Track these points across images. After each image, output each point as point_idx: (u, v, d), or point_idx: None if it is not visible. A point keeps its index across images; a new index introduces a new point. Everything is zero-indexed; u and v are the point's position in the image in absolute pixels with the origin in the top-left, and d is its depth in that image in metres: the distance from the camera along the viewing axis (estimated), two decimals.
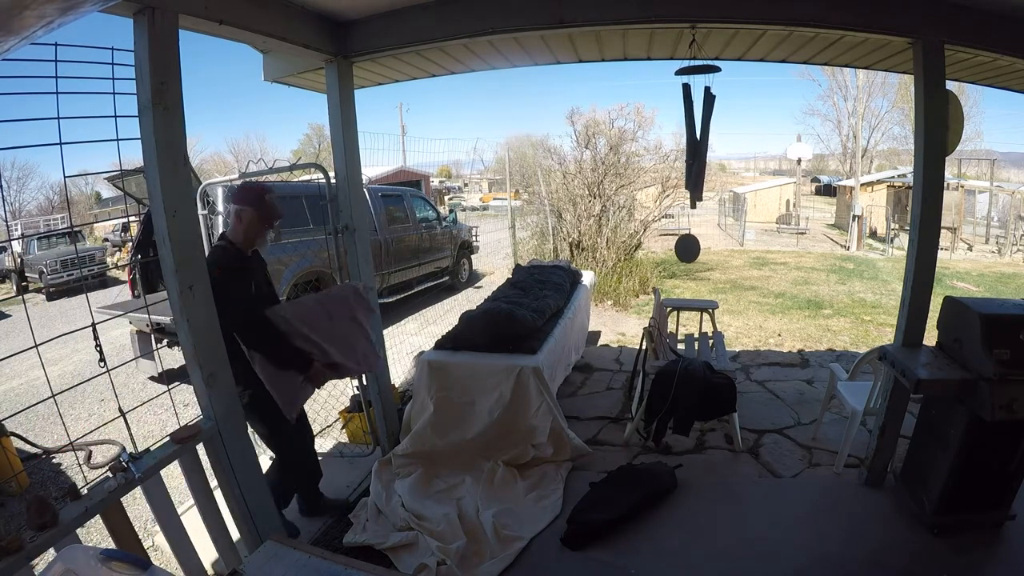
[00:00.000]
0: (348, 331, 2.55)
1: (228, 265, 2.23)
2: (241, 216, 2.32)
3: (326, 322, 2.47)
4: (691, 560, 2.38)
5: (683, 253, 4.75)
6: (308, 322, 2.40)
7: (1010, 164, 30.79)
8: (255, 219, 2.33)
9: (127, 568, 1.14)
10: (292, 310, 2.43)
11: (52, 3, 0.99)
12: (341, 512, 2.77)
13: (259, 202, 2.34)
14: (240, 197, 2.35)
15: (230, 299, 2.08)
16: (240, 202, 2.34)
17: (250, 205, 2.32)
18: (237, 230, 2.34)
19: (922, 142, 2.54)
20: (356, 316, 2.61)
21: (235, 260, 2.30)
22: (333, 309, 2.54)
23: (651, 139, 9.97)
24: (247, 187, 2.41)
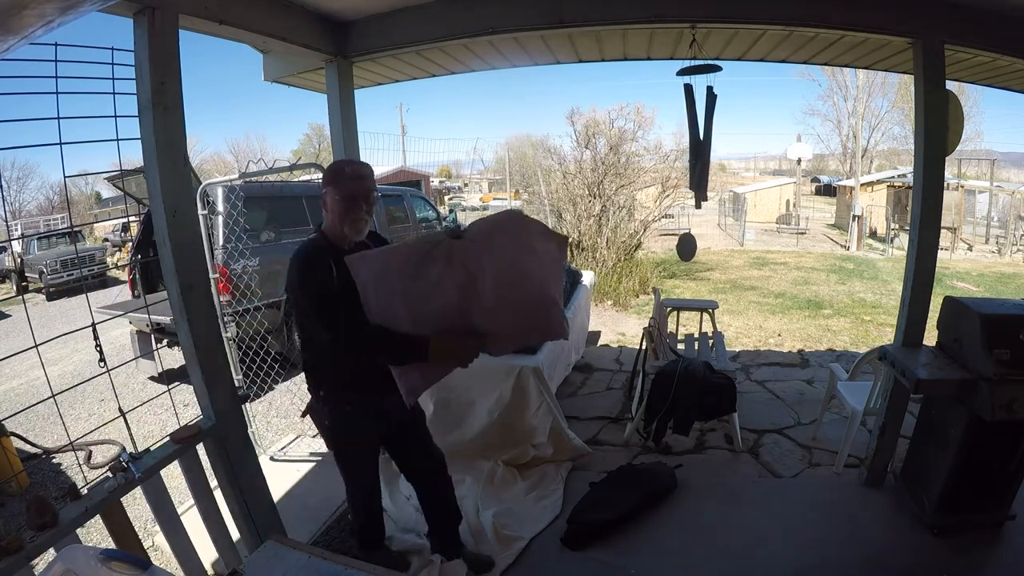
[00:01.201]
0: (509, 286, 1.68)
1: (313, 265, 1.76)
2: (325, 200, 1.85)
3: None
4: (691, 560, 2.37)
5: (683, 252, 4.76)
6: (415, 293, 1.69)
7: (1010, 164, 30.77)
8: (337, 201, 1.81)
9: (127, 568, 1.14)
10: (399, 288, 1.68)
11: (52, 2, 0.99)
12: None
13: (336, 178, 1.83)
14: (323, 178, 1.89)
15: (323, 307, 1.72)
16: (323, 184, 1.86)
17: (328, 184, 1.84)
18: (327, 218, 1.87)
19: (922, 142, 2.54)
20: (520, 263, 1.70)
21: (323, 256, 1.78)
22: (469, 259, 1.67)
23: (651, 139, 9.99)
24: (330, 166, 1.93)
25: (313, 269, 1.76)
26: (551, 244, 1.78)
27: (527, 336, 1.86)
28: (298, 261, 1.78)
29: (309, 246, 1.84)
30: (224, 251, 4.87)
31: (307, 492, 3.08)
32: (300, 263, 1.78)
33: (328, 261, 1.75)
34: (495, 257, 1.64)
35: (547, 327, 1.83)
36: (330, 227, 1.86)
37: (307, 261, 1.79)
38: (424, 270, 1.63)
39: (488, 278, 1.62)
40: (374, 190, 1.88)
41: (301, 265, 1.77)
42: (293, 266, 1.78)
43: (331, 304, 1.70)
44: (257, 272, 5.12)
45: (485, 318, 1.68)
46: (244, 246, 4.83)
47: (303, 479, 3.20)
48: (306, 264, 1.78)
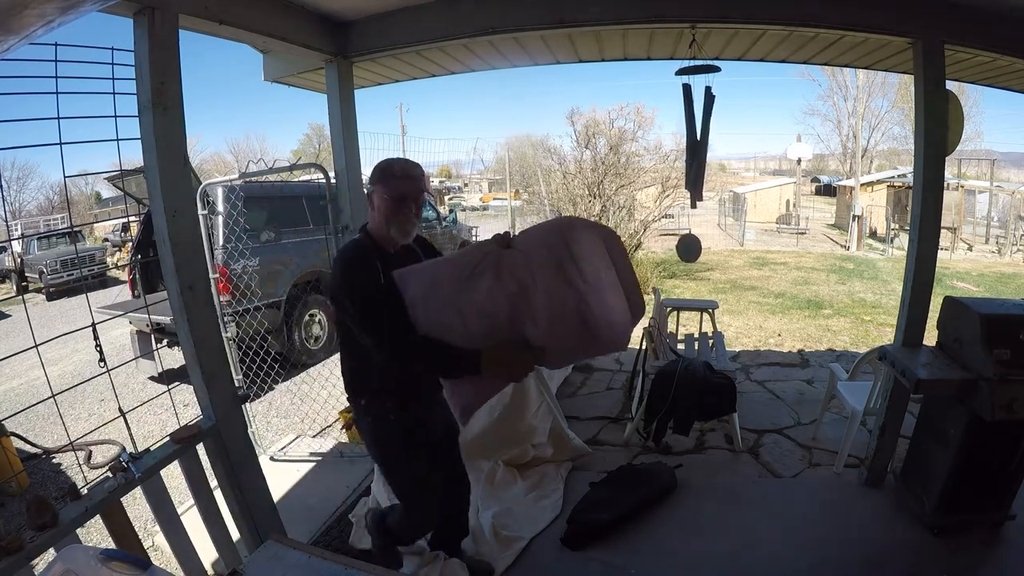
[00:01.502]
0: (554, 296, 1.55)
1: (359, 266, 1.67)
2: (372, 199, 1.74)
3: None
4: (691, 560, 2.37)
5: (684, 252, 4.75)
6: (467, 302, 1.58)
7: (1010, 164, 30.77)
8: (385, 201, 1.71)
9: (127, 568, 1.14)
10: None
11: (52, 2, 0.99)
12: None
13: (384, 176, 1.73)
14: (372, 175, 1.78)
15: (368, 312, 1.62)
16: (371, 181, 1.76)
17: (375, 183, 1.74)
18: (373, 219, 1.77)
19: (922, 142, 2.54)
20: (564, 268, 1.53)
21: (369, 259, 1.69)
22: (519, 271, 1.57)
23: (651, 139, 10.01)
24: (380, 163, 1.80)
25: (358, 271, 1.66)
26: (593, 237, 1.62)
27: (583, 350, 1.67)
28: (343, 262, 1.70)
29: (354, 247, 1.75)
30: (224, 251, 4.87)
31: (307, 492, 3.08)
32: (345, 264, 1.69)
33: (375, 263, 1.67)
34: (541, 266, 1.54)
35: (597, 342, 1.60)
36: (376, 228, 1.76)
37: (352, 262, 1.69)
38: (474, 283, 1.55)
39: (540, 290, 1.53)
40: (424, 191, 1.78)
41: (346, 266, 1.69)
42: (337, 267, 1.71)
43: (377, 308, 1.61)
44: (257, 272, 5.12)
45: (537, 331, 1.56)
46: (244, 246, 4.83)
47: (303, 479, 3.20)
48: (351, 265, 1.68)
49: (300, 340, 5.74)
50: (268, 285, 5.32)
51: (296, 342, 5.67)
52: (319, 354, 5.89)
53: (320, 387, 4.28)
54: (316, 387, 4.39)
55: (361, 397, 1.84)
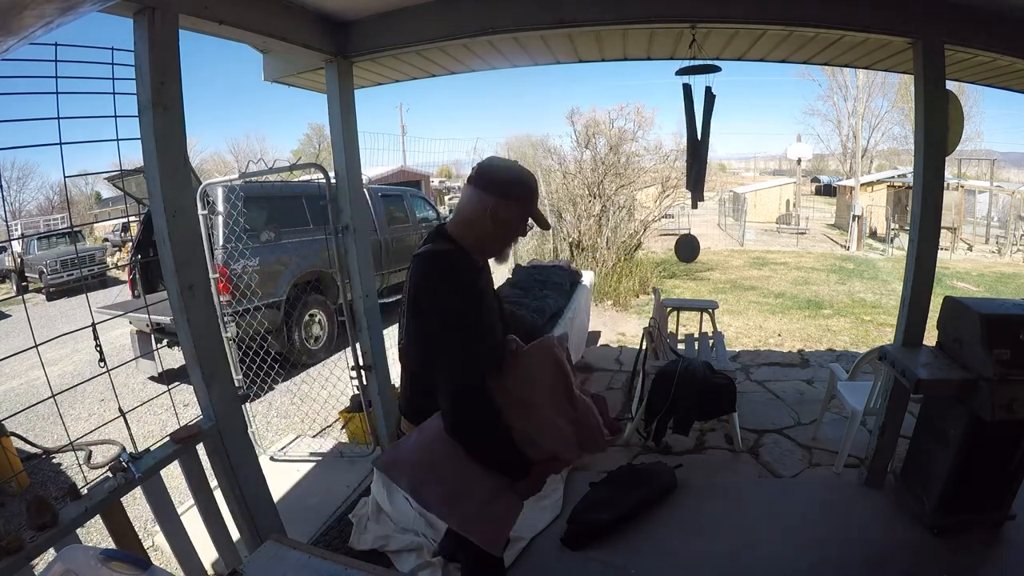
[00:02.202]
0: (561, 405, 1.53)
1: (463, 281, 1.41)
2: (496, 211, 1.43)
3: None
4: (691, 560, 2.37)
5: (683, 252, 4.76)
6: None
7: (1010, 164, 30.78)
8: (515, 217, 1.47)
9: (127, 568, 1.14)
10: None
11: (51, 3, 0.99)
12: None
13: (526, 193, 1.47)
14: (490, 180, 1.46)
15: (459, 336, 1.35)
16: (493, 189, 1.44)
17: (511, 197, 1.44)
18: (481, 230, 1.46)
19: (922, 142, 2.54)
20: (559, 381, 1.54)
21: (471, 272, 1.45)
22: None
23: (651, 139, 9.99)
24: (503, 168, 1.49)
25: (463, 286, 1.38)
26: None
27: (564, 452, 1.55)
28: (443, 272, 1.39)
29: (453, 256, 1.42)
30: (224, 251, 4.87)
31: (307, 492, 3.08)
32: (447, 274, 1.39)
33: (478, 281, 1.44)
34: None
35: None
36: (477, 242, 1.47)
37: (456, 275, 1.39)
38: (571, 402, 1.51)
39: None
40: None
41: (448, 277, 1.38)
42: (434, 278, 1.39)
43: (469, 333, 1.35)
44: (257, 272, 5.12)
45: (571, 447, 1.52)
46: (244, 246, 4.83)
47: (303, 479, 3.20)
48: (456, 279, 1.39)
49: (300, 340, 5.74)
50: (268, 285, 5.32)
51: (296, 342, 5.68)
52: (319, 354, 5.89)
53: (320, 387, 4.28)
54: (316, 387, 4.40)
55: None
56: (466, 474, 1.41)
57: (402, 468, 1.45)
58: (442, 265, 1.41)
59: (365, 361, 3.20)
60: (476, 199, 1.45)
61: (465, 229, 1.47)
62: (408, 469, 1.44)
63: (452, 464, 1.39)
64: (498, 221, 1.44)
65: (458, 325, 1.34)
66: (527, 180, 1.49)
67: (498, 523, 1.48)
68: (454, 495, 1.43)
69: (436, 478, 1.42)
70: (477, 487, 1.42)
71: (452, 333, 1.34)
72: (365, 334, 3.16)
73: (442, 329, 1.35)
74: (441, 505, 1.46)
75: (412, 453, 1.43)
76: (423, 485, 1.44)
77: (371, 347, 3.16)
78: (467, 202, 1.47)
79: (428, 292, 1.39)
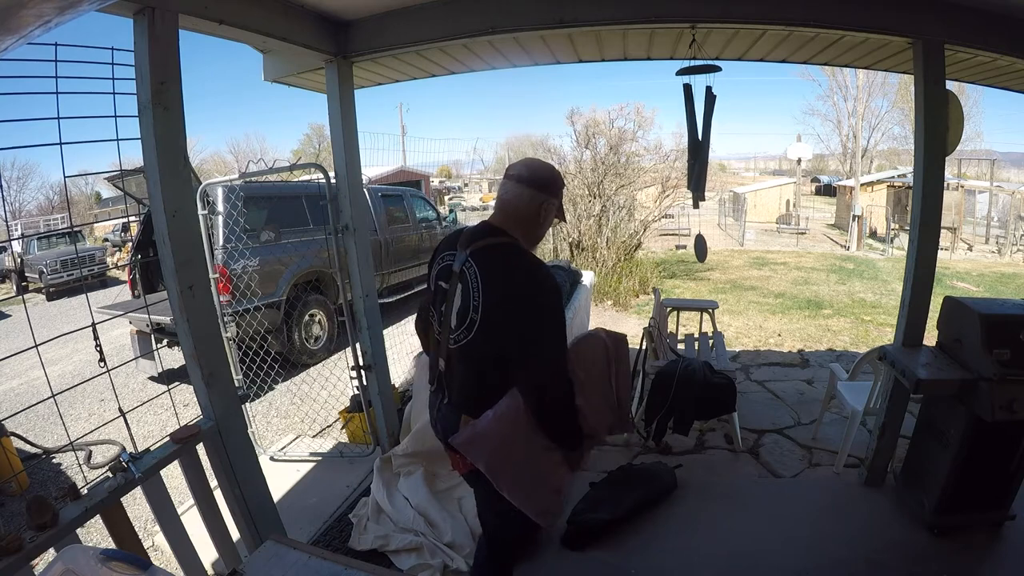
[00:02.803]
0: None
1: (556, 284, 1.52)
2: (544, 211, 1.57)
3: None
4: (691, 560, 2.37)
5: (700, 252, 4.75)
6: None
7: (1010, 164, 30.78)
8: (554, 211, 1.60)
9: (127, 568, 1.14)
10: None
11: (50, 2, 0.98)
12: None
13: (559, 185, 1.61)
14: (540, 179, 1.56)
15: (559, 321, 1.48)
16: (543, 187, 1.56)
17: (553, 192, 1.57)
18: (533, 230, 1.60)
19: (922, 142, 2.54)
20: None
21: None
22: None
23: (651, 139, 10.00)
24: (545, 168, 1.62)
25: (551, 276, 1.49)
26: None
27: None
28: (537, 265, 1.51)
29: (526, 250, 1.54)
30: (224, 251, 4.87)
31: (307, 492, 3.08)
32: (540, 267, 1.51)
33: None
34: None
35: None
36: (527, 233, 1.57)
37: (545, 268, 1.51)
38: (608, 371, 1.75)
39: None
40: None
41: (542, 269, 1.50)
42: (534, 271, 1.49)
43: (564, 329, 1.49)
44: (257, 272, 5.12)
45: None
46: (244, 246, 4.83)
47: (303, 479, 3.20)
48: (547, 271, 1.50)
49: (300, 340, 5.74)
50: (268, 285, 5.32)
51: (296, 342, 5.67)
52: (319, 354, 5.89)
53: (320, 387, 4.28)
54: (316, 387, 4.40)
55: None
56: (535, 449, 1.55)
57: (481, 446, 1.50)
58: (533, 259, 1.53)
59: (365, 361, 3.20)
60: (528, 196, 1.54)
61: (517, 224, 1.55)
62: (488, 445, 1.49)
63: (525, 441, 1.51)
64: (547, 216, 1.58)
65: (556, 310, 1.48)
66: (561, 176, 1.64)
67: (555, 494, 1.63)
68: (525, 470, 1.54)
69: (512, 453, 1.51)
70: (544, 460, 1.58)
71: (554, 318, 1.47)
72: (365, 334, 3.16)
73: (549, 314, 1.47)
74: (512, 481, 1.53)
75: (491, 431, 1.49)
76: (501, 462, 1.50)
77: (371, 347, 3.17)
78: (517, 199, 1.55)
79: (530, 283, 1.47)
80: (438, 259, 1.65)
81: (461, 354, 1.54)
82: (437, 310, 1.62)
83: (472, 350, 1.50)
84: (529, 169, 1.58)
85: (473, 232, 1.58)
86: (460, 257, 1.54)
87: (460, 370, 1.57)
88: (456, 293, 1.52)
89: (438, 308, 1.61)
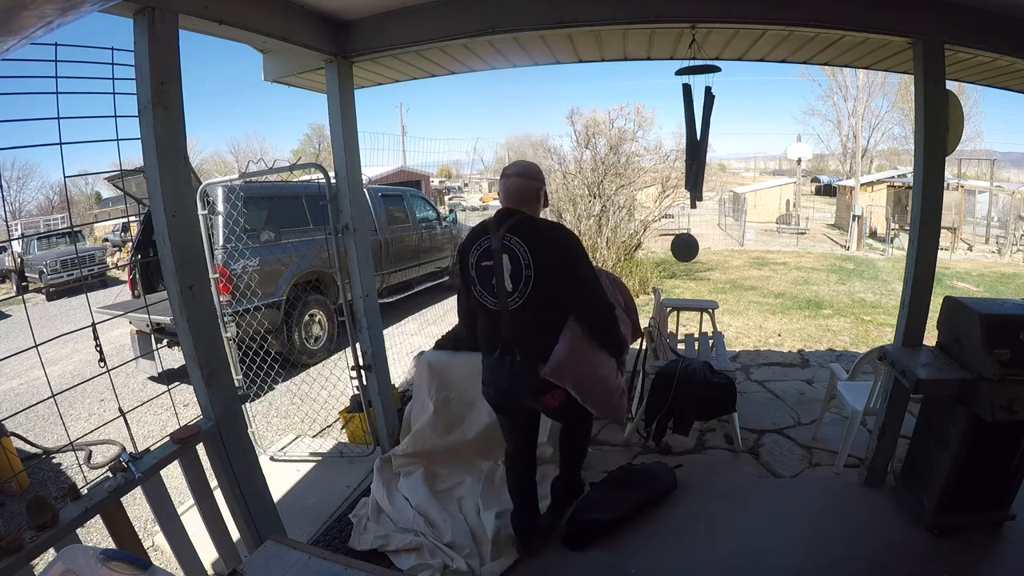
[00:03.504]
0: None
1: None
2: (541, 193, 2.12)
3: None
4: (691, 560, 2.37)
5: (680, 253, 4.74)
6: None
7: (1010, 164, 30.77)
8: (544, 196, 2.16)
9: (127, 568, 1.14)
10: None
11: (52, 3, 0.98)
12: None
13: (544, 179, 2.18)
14: (533, 172, 2.12)
15: (588, 268, 2.01)
16: (536, 177, 2.12)
17: (544, 183, 2.16)
18: (535, 205, 2.12)
19: (922, 142, 2.54)
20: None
21: None
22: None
23: (651, 139, 9.99)
24: (533, 164, 2.22)
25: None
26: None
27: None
28: (573, 232, 2.12)
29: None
30: (224, 251, 4.87)
31: (307, 492, 3.08)
32: (575, 235, 2.09)
33: None
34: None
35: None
36: (534, 213, 2.12)
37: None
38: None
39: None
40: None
41: (579, 241, 2.07)
42: (576, 237, 2.08)
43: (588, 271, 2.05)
44: (257, 272, 5.12)
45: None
46: (244, 246, 4.83)
47: (303, 479, 3.20)
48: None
49: (300, 340, 5.74)
50: (268, 285, 5.32)
51: (296, 342, 5.68)
52: (319, 354, 5.89)
53: (320, 387, 4.28)
54: (316, 387, 4.40)
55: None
56: (599, 361, 2.06)
57: (566, 369, 1.97)
58: (553, 222, 2.16)
59: (365, 361, 3.20)
60: (528, 185, 2.08)
61: (526, 206, 2.07)
62: (570, 367, 1.97)
63: (591, 357, 2.03)
64: (542, 197, 2.13)
65: (586, 254, 2.03)
66: (531, 163, 2.25)
67: (620, 396, 2.16)
68: (597, 382, 2.05)
69: (585, 368, 2.01)
70: (607, 368, 2.10)
71: (587, 259, 2.01)
72: (365, 334, 3.16)
73: (583, 256, 2.00)
74: (593, 393, 2.04)
75: (568, 356, 1.97)
76: (581, 378, 2.00)
77: (371, 347, 3.17)
78: (521, 188, 2.07)
79: (577, 246, 2.01)
80: (472, 248, 2.05)
81: (522, 309, 1.97)
82: (487, 286, 2.01)
83: (532, 300, 1.95)
84: (524, 167, 2.15)
85: (498, 218, 2.05)
86: (497, 236, 1.98)
87: (523, 325, 2.00)
88: (503, 263, 1.96)
89: (488, 284, 2.01)
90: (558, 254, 1.95)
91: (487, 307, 2.04)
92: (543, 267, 1.91)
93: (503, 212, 2.05)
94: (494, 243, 1.97)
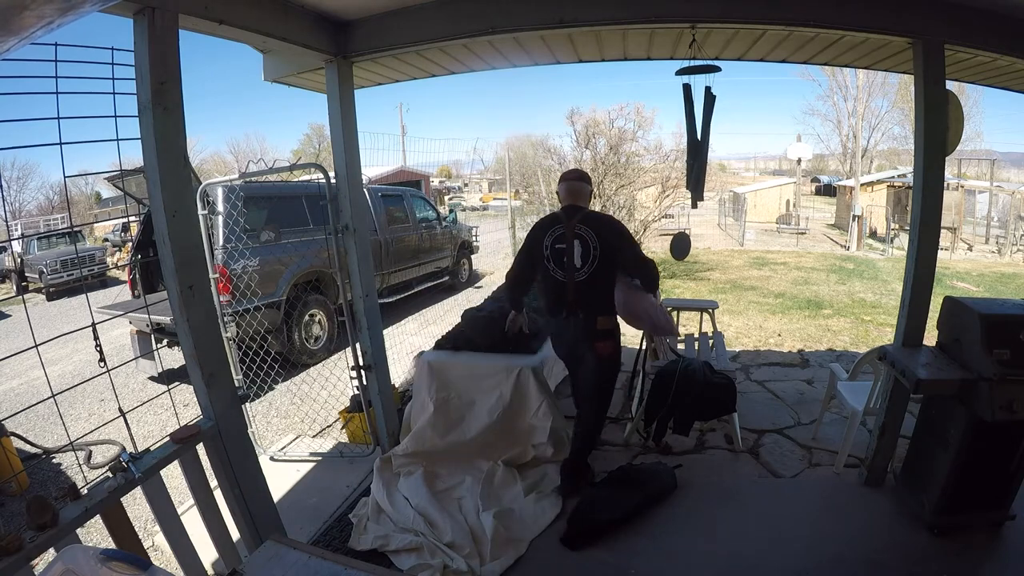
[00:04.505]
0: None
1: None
2: (592, 192, 2.96)
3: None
4: (691, 560, 2.37)
5: (674, 251, 4.73)
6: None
7: (1010, 164, 30.76)
8: (592, 194, 3.00)
9: (127, 568, 1.14)
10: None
11: (52, 3, 0.99)
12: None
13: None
14: (587, 177, 2.87)
15: (639, 250, 2.81)
16: (589, 181, 2.87)
17: (592, 184, 2.94)
18: (588, 202, 2.86)
19: (922, 142, 2.54)
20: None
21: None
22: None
23: (651, 139, 10.01)
24: (585, 172, 2.94)
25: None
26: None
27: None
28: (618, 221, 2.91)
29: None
30: (224, 251, 4.87)
31: (307, 492, 3.08)
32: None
33: None
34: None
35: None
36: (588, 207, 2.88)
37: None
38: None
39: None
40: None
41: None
42: (624, 225, 2.85)
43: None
44: (257, 272, 5.12)
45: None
46: (244, 246, 4.83)
47: (303, 479, 3.20)
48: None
49: (300, 340, 5.74)
50: (268, 285, 5.32)
51: (296, 342, 5.67)
52: (319, 354, 5.89)
53: (320, 387, 4.28)
54: (316, 387, 4.40)
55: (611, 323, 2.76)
56: (645, 298, 2.94)
57: (637, 314, 2.92)
58: (607, 214, 3.29)
59: (365, 361, 3.20)
60: (585, 188, 2.83)
61: (584, 202, 2.81)
62: (632, 304, 2.88)
63: (641, 296, 2.92)
64: (591, 195, 2.92)
65: (628, 231, 2.84)
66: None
67: (668, 317, 3.15)
68: (650, 313, 2.94)
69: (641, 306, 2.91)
70: (651, 301, 2.98)
71: (631, 235, 2.83)
72: (365, 334, 3.16)
73: (629, 234, 2.80)
74: (654, 320, 2.96)
75: (631, 304, 2.87)
76: (643, 314, 2.92)
77: (371, 347, 3.17)
78: (581, 190, 2.81)
79: (625, 229, 2.81)
80: (548, 233, 2.70)
81: (589, 279, 2.65)
82: (559, 263, 2.68)
83: (598, 272, 2.64)
84: (580, 173, 2.88)
85: (567, 212, 2.73)
86: (569, 226, 2.67)
87: (586, 292, 2.67)
88: (575, 246, 2.64)
89: (560, 261, 2.68)
90: (615, 237, 2.67)
91: (556, 279, 2.69)
92: (606, 248, 2.62)
93: (570, 208, 2.74)
94: (567, 231, 2.66)
